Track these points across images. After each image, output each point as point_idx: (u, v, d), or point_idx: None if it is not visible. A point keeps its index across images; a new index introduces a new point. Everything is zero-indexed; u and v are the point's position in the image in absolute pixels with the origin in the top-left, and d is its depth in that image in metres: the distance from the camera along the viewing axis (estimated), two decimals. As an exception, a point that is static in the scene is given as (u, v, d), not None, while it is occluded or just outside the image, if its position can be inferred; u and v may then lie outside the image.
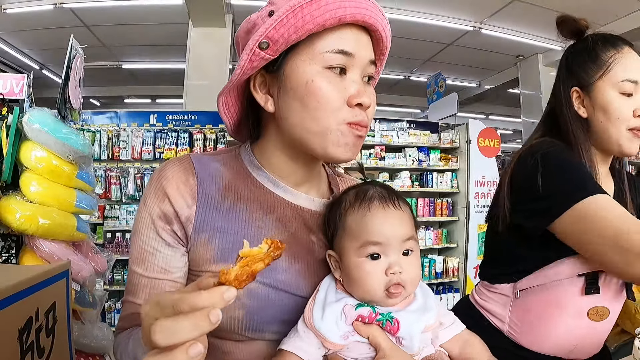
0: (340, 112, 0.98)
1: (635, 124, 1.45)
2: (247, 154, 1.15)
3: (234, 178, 1.10)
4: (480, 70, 11.70)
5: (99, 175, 5.81)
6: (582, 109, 1.54)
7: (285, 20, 0.92)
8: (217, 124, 6.09)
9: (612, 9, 7.57)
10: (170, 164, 1.08)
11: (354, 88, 0.99)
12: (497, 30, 8.98)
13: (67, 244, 2.68)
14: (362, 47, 1.00)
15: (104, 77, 11.84)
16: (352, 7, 0.94)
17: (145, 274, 1.04)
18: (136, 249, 1.06)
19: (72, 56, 2.82)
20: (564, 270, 1.42)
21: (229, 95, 1.11)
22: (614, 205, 1.30)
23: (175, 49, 9.46)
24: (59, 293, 1.39)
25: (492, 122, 15.17)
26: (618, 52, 1.48)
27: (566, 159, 1.43)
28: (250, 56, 0.97)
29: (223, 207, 1.05)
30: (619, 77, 1.45)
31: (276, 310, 1.02)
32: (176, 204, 1.02)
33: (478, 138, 6.59)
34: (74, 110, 2.90)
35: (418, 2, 7.97)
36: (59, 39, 8.06)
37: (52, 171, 2.55)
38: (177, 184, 1.04)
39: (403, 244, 0.98)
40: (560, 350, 1.45)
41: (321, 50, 0.97)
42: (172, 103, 13.72)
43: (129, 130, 6.04)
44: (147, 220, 1.04)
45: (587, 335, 1.43)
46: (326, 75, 0.97)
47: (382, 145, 6.51)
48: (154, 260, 1.04)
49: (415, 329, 0.95)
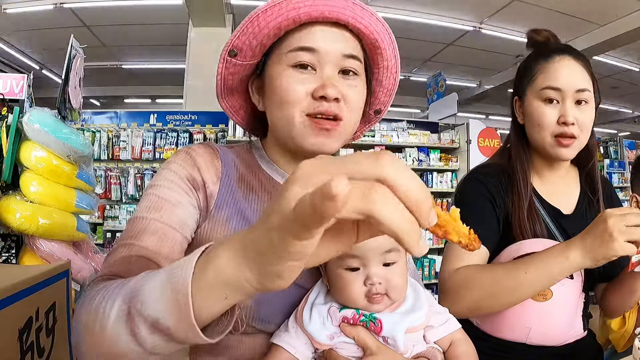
0: (303, 104, 1.00)
1: (558, 131, 1.48)
2: (257, 149, 1.20)
3: (247, 170, 1.14)
4: (481, 70, 11.72)
5: (99, 175, 5.81)
6: (521, 116, 1.61)
7: (245, 29, 1.01)
8: (217, 124, 6.09)
9: (612, 9, 7.57)
10: (197, 145, 1.12)
11: (320, 82, 1.00)
12: (497, 30, 9.00)
13: (67, 244, 2.69)
14: (331, 42, 1.01)
15: (104, 77, 11.86)
16: (308, 5, 0.97)
17: (160, 220, 0.96)
18: (150, 200, 0.99)
19: (72, 56, 2.83)
20: (504, 257, 1.49)
21: (232, 99, 1.17)
22: (454, 248, 1.46)
23: (176, 49, 9.48)
24: (59, 293, 1.40)
25: (492, 122, 15.16)
26: (546, 62, 1.52)
27: (470, 191, 1.57)
28: (223, 64, 1.07)
29: (239, 194, 1.08)
30: (541, 85, 1.50)
31: (284, 301, 1.02)
32: (205, 176, 1.05)
33: (478, 138, 6.59)
34: (74, 110, 2.90)
35: (418, 2, 7.98)
36: (59, 39, 8.06)
37: (52, 171, 2.56)
38: (205, 161, 1.07)
39: (383, 255, 0.95)
40: (518, 335, 1.46)
41: (285, 50, 1.02)
42: (172, 103, 13.73)
43: (129, 130, 6.06)
44: (172, 176, 1.02)
45: (539, 318, 1.43)
46: (289, 73, 1.01)
47: (382, 145, 6.50)
48: (175, 210, 0.98)
49: (399, 329, 0.95)
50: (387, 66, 1.15)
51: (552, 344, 1.46)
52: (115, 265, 0.88)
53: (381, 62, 1.13)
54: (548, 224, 1.51)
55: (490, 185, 1.54)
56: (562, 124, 1.47)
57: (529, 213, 1.49)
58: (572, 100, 1.48)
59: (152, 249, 0.91)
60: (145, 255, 0.89)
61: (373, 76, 1.16)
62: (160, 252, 0.92)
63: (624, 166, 8.32)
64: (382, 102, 1.24)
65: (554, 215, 1.55)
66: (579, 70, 1.50)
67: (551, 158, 1.55)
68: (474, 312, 1.46)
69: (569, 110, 1.47)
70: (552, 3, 7.12)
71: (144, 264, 0.88)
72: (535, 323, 1.44)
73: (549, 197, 1.57)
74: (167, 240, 0.94)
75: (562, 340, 1.47)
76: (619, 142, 8.68)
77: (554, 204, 1.57)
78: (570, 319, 1.49)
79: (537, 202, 1.53)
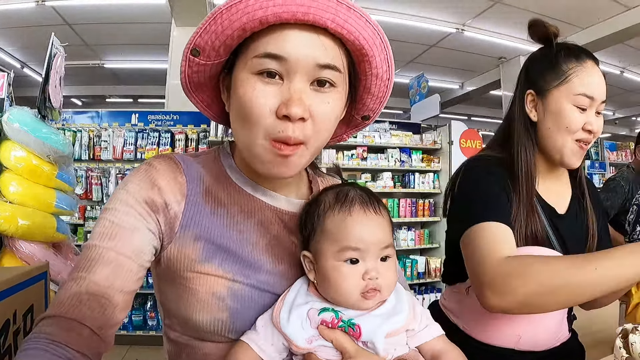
0: (266, 123, 0.90)
1: (582, 137, 1.48)
2: (226, 157, 1.12)
3: (214, 181, 1.07)
4: (463, 71, 11.80)
5: (80, 175, 5.76)
6: (534, 113, 1.56)
7: (207, 27, 0.90)
8: (199, 124, 6.08)
9: (594, 12, 7.67)
10: (158, 159, 1.02)
11: (286, 96, 0.89)
12: (480, 32, 9.07)
13: (47, 245, 2.66)
14: (304, 48, 0.89)
15: (86, 76, 11.76)
16: (278, 5, 0.85)
17: (114, 249, 0.89)
18: (104, 226, 0.92)
19: (53, 54, 2.80)
20: None
21: (201, 94, 1.09)
22: (494, 233, 1.33)
23: (158, 48, 9.41)
24: (37, 295, 1.38)
25: (474, 123, 15.28)
26: (580, 65, 1.49)
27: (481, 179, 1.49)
28: (186, 63, 0.97)
29: (206, 210, 1.02)
30: (576, 90, 1.47)
31: (259, 312, 1.00)
32: (167, 197, 0.97)
33: (460, 139, 6.63)
34: (55, 110, 2.87)
35: (401, 4, 8.02)
36: (41, 37, 7.96)
37: (31, 171, 2.53)
38: (167, 179, 0.99)
39: (381, 250, 0.97)
40: (507, 341, 1.45)
41: (251, 55, 0.91)
42: (154, 103, 13.65)
43: (110, 130, 6.00)
44: (129, 199, 0.94)
45: (528, 325, 1.42)
46: (252, 82, 0.90)
47: (364, 146, 6.52)
48: (130, 237, 0.91)
49: (378, 333, 0.94)
50: (377, 74, 1.01)
51: (540, 348, 1.46)
52: (64, 306, 0.83)
53: (369, 69, 1.00)
54: (544, 223, 1.50)
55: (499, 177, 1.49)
56: (586, 131, 1.47)
57: (531, 213, 1.47)
58: (595, 110, 1.49)
59: (104, 284, 0.87)
60: (96, 292, 0.85)
61: (360, 83, 1.04)
62: (113, 285, 0.87)
63: (605, 167, 8.42)
64: (370, 109, 1.12)
65: (550, 214, 1.55)
66: (603, 80, 1.51)
67: (559, 162, 1.54)
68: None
69: (594, 119, 1.49)
70: (535, 6, 7.19)
71: (95, 302, 0.84)
72: (526, 330, 1.43)
73: (546, 195, 1.57)
74: (121, 272, 0.89)
75: (550, 344, 1.48)
76: (599, 144, 8.77)
77: (550, 202, 1.57)
78: (558, 323, 1.49)
79: (535, 199, 1.52)
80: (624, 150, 8.77)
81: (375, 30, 0.94)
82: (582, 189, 1.67)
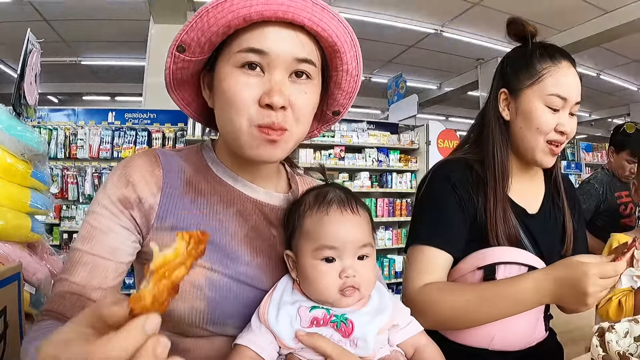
0: (250, 112, 0.97)
1: (554, 138, 1.48)
2: (208, 150, 1.18)
3: (195, 173, 1.12)
4: (441, 72, 11.87)
5: (56, 174, 5.69)
6: (506, 112, 1.57)
7: (194, 24, 0.97)
8: (177, 123, 6.05)
9: (570, 15, 7.77)
10: (136, 156, 1.09)
11: (267, 87, 0.97)
12: (458, 33, 9.15)
13: (21, 246, 2.61)
14: (283, 44, 0.98)
15: (63, 73, 11.60)
16: (261, 4, 0.93)
17: (90, 251, 0.99)
18: (85, 229, 1.01)
19: (29, 51, 2.75)
20: (465, 266, 1.49)
21: (183, 92, 1.14)
22: (427, 259, 1.46)
23: (136, 45, 9.34)
24: (10, 297, 1.36)
25: (451, 123, 15.37)
26: (554, 65, 1.49)
27: (440, 195, 1.53)
28: (172, 59, 1.03)
29: (185, 200, 1.06)
30: (549, 90, 1.47)
31: (238, 303, 1.02)
32: (140, 192, 1.02)
33: (437, 139, 6.69)
34: (30, 107, 2.83)
35: (380, 4, 8.04)
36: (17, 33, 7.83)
37: (5, 170, 2.49)
38: (142, 173, 1.04)
39: (358, 249, 1.00)
40: (481, 341, 1.47)
41: (234, 50, 0.98)
42: (131, 101, 13.52)
43: (86, 128, 5.95)
44: (104, 201, 1.02)
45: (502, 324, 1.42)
46: (236, 75, 0.98)
47: (341, 145, 6.55)
48: (105, 239, 1.00)
49: (370, 329, 0.96)
50: (347, 70, 1.11)
51: (514, 348, 1.47)
52: (53, 303, 0.97)
53: (340, 65, 1.09)
54: (515, 223, 1.50)
55: (457, 186, 1.51)
56: (558, 132, 1.47)
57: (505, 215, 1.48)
58: (568, 111, 1.49)
59: (81, 284, 0.97)
60: (75, 292, 0.96)
61: (331, 79, 1.13)
62: (90, 284, 0.97)
63: (581, 168, 8.57)
64: (341, 105, 1.21)
65: (520, 214, 1.54)
66: (578, 81, 1.51)
67: (532, 162, 1.55)
68: (439, 328, 1.48)
69: (567, 120, 1.48)
70: (513, 8, 7.24)
71: (75, 299, 0.96)
72: (499, 330, 1.44)
73: (515, 196, 1.56)
74: (97, 272, 0.98)
75: (525, 344, 1.49)
76: (575, 145, 8.92)
77: (520, 203, 1.57)
78: (532, 324, 1.50)
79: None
80: (600, 151, 8.93)
81: (346, 29, 1.04)
82: (558, 188, 1.67)
